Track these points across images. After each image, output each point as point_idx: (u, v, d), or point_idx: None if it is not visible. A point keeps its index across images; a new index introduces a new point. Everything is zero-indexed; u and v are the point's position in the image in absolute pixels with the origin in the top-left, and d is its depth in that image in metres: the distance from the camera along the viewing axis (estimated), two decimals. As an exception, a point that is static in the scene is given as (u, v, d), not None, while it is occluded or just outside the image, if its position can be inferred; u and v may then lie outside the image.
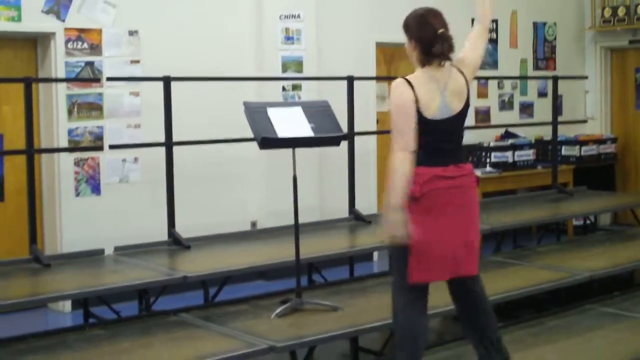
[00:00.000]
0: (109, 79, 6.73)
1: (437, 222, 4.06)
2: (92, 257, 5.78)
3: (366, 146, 8.40)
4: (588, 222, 8.83)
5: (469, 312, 4.32)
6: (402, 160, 4.02)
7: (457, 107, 4.17)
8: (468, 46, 4.41)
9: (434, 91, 4.10)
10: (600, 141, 10.30)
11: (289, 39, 8.00)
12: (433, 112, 4.08)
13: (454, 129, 4.20)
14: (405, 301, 4.14)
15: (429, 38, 4.11)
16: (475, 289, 4.26)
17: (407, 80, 4.09)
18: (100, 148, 6.80)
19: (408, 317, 4.14)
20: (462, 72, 4.24)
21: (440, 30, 4.12)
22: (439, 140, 4.12)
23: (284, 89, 7.92)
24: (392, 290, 4.24)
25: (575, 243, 7.71)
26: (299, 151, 5.18)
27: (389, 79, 9.46)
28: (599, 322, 5.60)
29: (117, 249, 5.92)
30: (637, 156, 10.70)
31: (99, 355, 4.40)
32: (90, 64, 6.96)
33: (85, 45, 6.93)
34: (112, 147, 6.46)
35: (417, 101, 4.04)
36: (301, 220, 5.23)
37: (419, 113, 4.05)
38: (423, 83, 4.10)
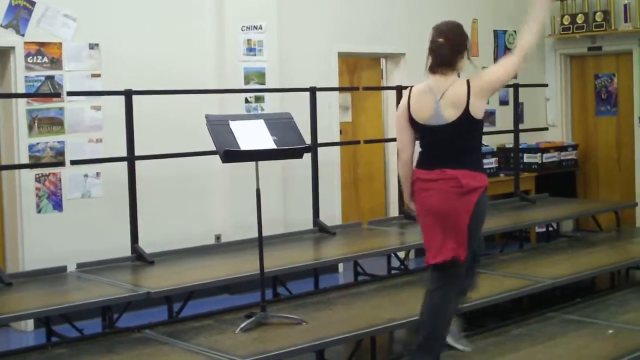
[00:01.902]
0: (69, 93, 6.70)
1: (425, 219, 4.49)
2: (54, 275, 5.74)
3: (330, 157, 8.42)
4: (550, 229, 8.92)
5: None
6: (399, 163, 4.62)
7: (452, 115, 4.37)
8: (494, 65, 4.74)
9: (429, 99, 4.40)
10: (561, 148, 10.41)
11: (251, 50, 7.99)
12: (425, 118, 4.41)
13: (449, 136, 4.40)
14: None
15: (430, 49, 4.47)
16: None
17: (412, 88, 4.54)
18: (61, 164, 6.75)
19: None
20: (468, 84, 4.39)
21: (439, 40, 4.42)
22: (431, 144, 4.48)
23: (246, 100, 7.90)
24: None
25: (538, 250, 7.77)
26: (263, 163, 5.18)
27: (352, 89, 9.52)
28: (562, 330, 5.64)
29: (79, 265, 5.88)
30: (598, 162, 10.83)
31: (62, 374, 4.35)
32: (50, 78, 6.90)
33: (46, 59, 6.87)
34: (73, 162, 6.41)
35: (409, 108, 4.46)
36: (265, 232, 5.22)
37: (412, 118, 4.46)
38: (419, 91, 4.47)
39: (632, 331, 5.57)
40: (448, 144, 4.41)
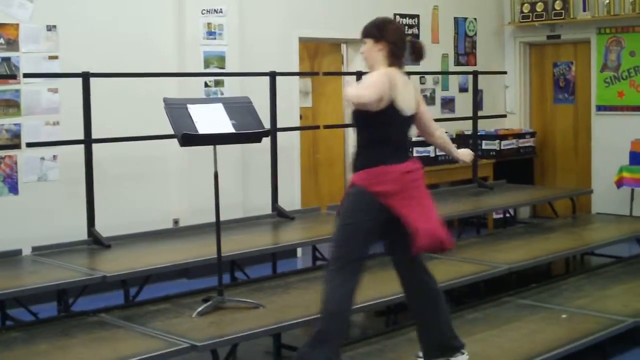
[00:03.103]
0: (26, 75, 6.62)
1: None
2: (9, 258, 5.68)
3: (289, 142, 8.41)
4: (507, 215, 9.01)
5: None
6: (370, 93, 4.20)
7: (414, 106, 4.50)
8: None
9: (406, 87, 4.43)
10: (519, 135, 10.51)
11: (211, 34, 7.94)
12: (404, 106, 4.38)
13: (409, 126, 4.54)
14: None
15: (397, 43, 4.44)
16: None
17: (387, 72, 4.35)
18: (17, 146, 6.68)
19: None
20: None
21: (409, 37, 4.56)
22: (401, 135, 4.46)
23: (206, 84, 7.86)
24: None
25: (495, 236, 7.85)
26: (222, 148, 5.17)
27: (312, 74, 9.51)
28: (517, 314, 5.72)
29: (35, 249, 5.82)
30: (556, 150, 10.95)
31: (16, 358, 4.30)
32: (6, 59, 6.80)
33: (2, 40, 6.77)
34: (29, 145, 6.35)
35: (394, 93, 4.31)
36: (224, 217, 5.21)
37: (393, 104, 4.32)
38: (397, 76, 4.38)
39: (585, 316, 5.67)
40: (407, 135, 4.54)
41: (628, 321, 5.57)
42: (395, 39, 4.45)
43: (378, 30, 4.47)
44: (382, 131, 4.35)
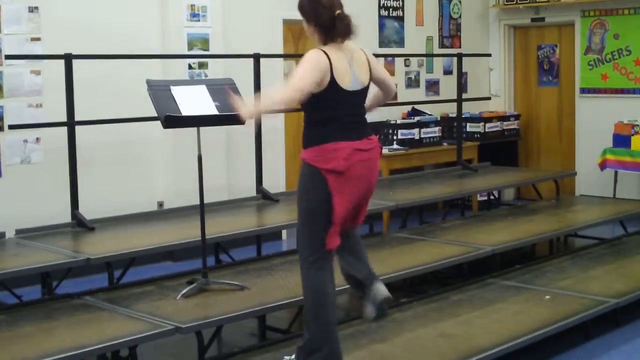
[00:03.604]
0: (8, 57, 6.57)
1: (354, 190, 4.23)
2: (-8, 241, 5.66)
3: (274, 124, 8.40)
4: (492, 197, 9.04)
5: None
6: (292, 97, 4.12)
7: (365, 79, 4.35)
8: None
9: (346, 63, 4.25)
10: (503, 118, 10.52)
11: (194, 15, 7.90)
12: (347, 82, 4.23)
13: (362, 101, 4.38)
14: None
15: (326, 21, 4.25)
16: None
17: (322, 50, 4.21)
18: (0, 128, 6.63)
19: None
20: (364, 51, 4.42)
21: (337, 12, 4.26)
22: (351, 112, 4.27)
23: (190, 67, 7.83)
24: None
25: (479, 218, 7.87)
26: (206, 130, 5.15)
27: (297, 56, 9.46)
28: (501, 295, 5.75)
29: (18, 232, 5.80)
30: (540, 133, 10.98)
31: (0, 340, 4.29)
32: (-12, 41, 6.76)
33: (-17, 22, 6.72)
34: (12, 127, 6.30)
35: (332, 69, 4.17)
36: (208, 199, 5.21)
37: (334, 82, 4.18)
38: (336, 53, 4.23)
39: (568, 297, 5.71)
40: (363, 110, 4.39)
41: (610, 302, 5.61)
42: (323, 17, 4.23)
43: (303, 13, 4.34)
44: (329, 111, 4.22)
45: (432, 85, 10.35)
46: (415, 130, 9.37)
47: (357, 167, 4.21)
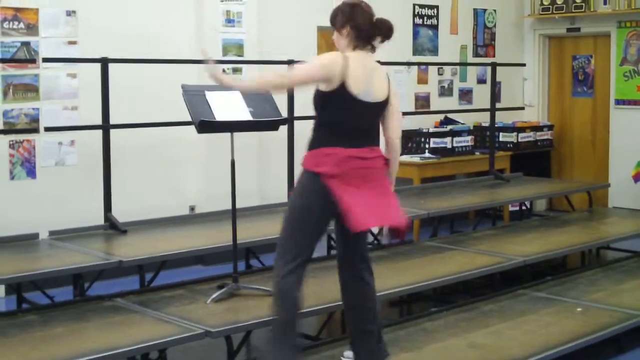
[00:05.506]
0: (45, 59, 6.63)
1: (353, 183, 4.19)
2: (26, 242, 5.72)
3: (306, 130, 8.35)
4: (524, 207, 8.98)
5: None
6: (276, 82, 4.42)
7: (381, 95, 4.33)
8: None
9: (366, 72, 4.26)
10: (537, 128, 10.46)
11: (230, 21, 7.94)
12: (361, 90, 4.22)
13: (374, 115, 4.34)
14: None
15: (364, 24, 4.32)
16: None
17: (344, 55, 4.25)
18: (36, 130, 6.70)
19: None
20: (387, 75, 4.45)
21: (376, 18, 4.36)
22: (358, 121, 4.25)
23: (224, 72, 7.85)
24: None
25: (511, 228, 7.82)
26: (239, 135, 5.17)
27: (330, 63, 9.48)
28: (532, 306, 5.70)
29: (51, 233, 5.86)
30: (573, 143, 10.89)
31: (32, 341, 4.33)
32: (26, 44, 6.82)
33: (22, 25, 6.79)
34: (48, 129, 6.37)
35: (346, 75, 4.17)
36: (240, 204, 5.22)
37: (345, 85, 4.18)
38: (358, 60, 4.26)
39: (600, 309, 5.65)
40: (374, 123, 4.35)
41: (643, 316, 5.55)
42: (359, 22, 4.30)
43: (341, 16, 4.35)
44: (334, 113, 4.23)
45: (466, 94, 10.31)
46: (448, 139, 9.34)
47: (350, 175, 4.19)
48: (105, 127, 6.12)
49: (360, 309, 4.42)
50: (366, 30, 4.32)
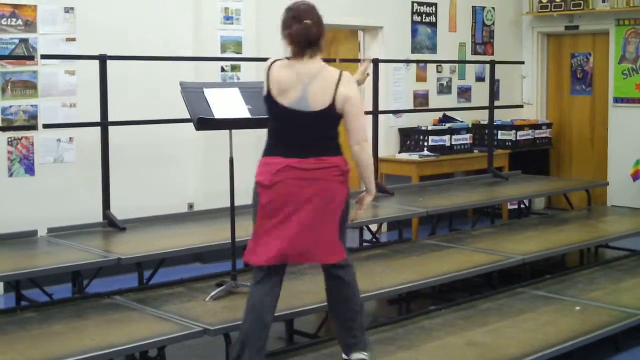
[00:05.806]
0: (43, 56, 6.61)
1: (277, 207, 4.13)
2: (24, 239, 5.71)
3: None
4: (522, 206, 8.98)
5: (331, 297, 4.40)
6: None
7: (319, 104, 4.15)
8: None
9: (296, 79, 4.16)
10: (535, 126, 10.46)
11: (228, 18, 7.93)
12: (288, 98, 4.14)
13: (318, 125, 4.19)
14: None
15: (300, 30, 4.20)
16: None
17: (270, 63, 4.25)
18: (34, 127, 6.70)
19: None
20: (339, 80, 4.20)
21: (305, 22, 4.19)
22: (293, 130, 4.18)
23: (222, 69, 7.86)
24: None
25: (509, 227, 7.82)
26: (238, 133, 5.16)
27: (329, 61, 9.47)
28: (530, 305, 5.70)
29: (50, 230, 5.85)
30: (572, 141, 10.90)
31: (31, 338, 4.33)
32: (24, 41, 6.81)
33: (20, 21, 6.78)
34: (46, 126, 6.35)
35: (269, 83, 4.18)
36: (238, 202, 5.21)
37: (269, 93, 4.18)
38: (288, 67, 4.21)
39: (598, 308, 5.65)
40: (317, 132, 4.20)
41: (641, 314, 5.56)
42: (292, 29, 4.19)
43: (281, 21, 4.29)
44: (271, 122, 4.26)
45: (464, 92, 10.31)
46: (446, 137, 9.34)
47: (287, 185, 4.11)
48: (104, 124, 6.11)
49: (340, 307, 4.39)
50: (294, 38, 4.19)
